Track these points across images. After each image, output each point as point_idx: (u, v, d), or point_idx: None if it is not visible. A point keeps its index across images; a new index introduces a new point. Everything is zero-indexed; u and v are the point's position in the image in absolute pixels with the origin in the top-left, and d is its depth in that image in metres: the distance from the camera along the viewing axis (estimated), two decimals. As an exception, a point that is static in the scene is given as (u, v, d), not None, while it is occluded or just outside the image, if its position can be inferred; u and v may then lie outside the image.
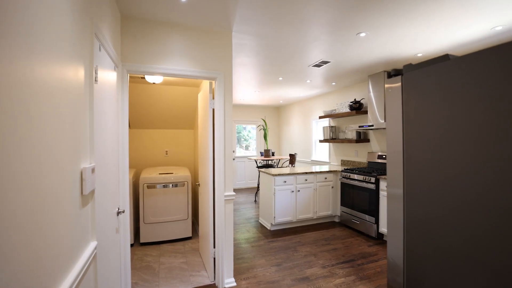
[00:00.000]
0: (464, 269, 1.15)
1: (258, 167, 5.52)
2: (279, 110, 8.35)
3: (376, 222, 3.69)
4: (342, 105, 5.14)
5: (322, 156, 6.21)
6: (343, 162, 5.31)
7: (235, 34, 2.61)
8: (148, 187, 3.51)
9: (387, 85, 1.41)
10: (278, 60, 3.46)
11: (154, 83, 3.56)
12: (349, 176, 4.22)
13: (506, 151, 0.99)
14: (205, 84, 2.79)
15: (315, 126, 6.47)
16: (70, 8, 1.03)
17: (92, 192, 1.31)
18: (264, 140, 7.73)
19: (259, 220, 4.62)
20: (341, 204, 4.43)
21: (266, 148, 6.25)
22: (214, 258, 2.60)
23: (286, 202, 4.20)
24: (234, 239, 3.72)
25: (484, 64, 1.04)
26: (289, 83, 4.90)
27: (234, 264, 2.98)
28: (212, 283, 2.58)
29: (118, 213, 1.95)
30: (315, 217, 4.40)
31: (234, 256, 3.21)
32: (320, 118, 5.71)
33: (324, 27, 2.47)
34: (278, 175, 4.14)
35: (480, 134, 1.07)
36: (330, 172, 4.52)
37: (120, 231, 2.09)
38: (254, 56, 3.29)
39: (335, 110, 5.32)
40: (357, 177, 4.04)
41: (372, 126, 3.93)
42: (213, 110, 2.59)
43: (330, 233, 4.03)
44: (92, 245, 1.26)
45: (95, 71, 1.38)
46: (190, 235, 3.74)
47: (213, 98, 2.58)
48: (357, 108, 4.61)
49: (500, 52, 1.00)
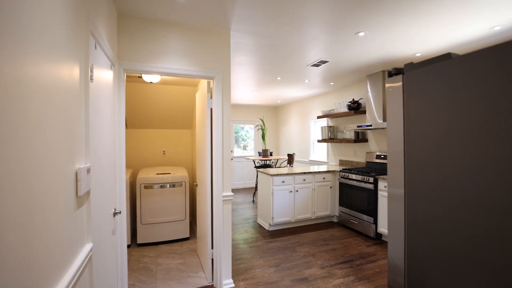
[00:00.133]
0: (465, 269, 1.14)
1: (256, 167, 5.50)
2: (277, 110, 8.34)
3: (374, 222, 3.68)
4: (340, 105, 5.14)
5: (320, 156, 6.21)
6: (341, 162, 5.30)
7: (233, 33, 2.58)
8: (145, 187, 3.48)
9: (388, 84, 1.39)
10: (276, 59, 3.44)
11: (151, 82, 3.53)
12: (347, 176, 4.21)
13: (508, 150, 0.98)
14: (203, 83, 2.76)
15: (313, 126, 6.46)
16: (65, 4, 1.00)
17: (88, 193, 1.28)
18: (262, 140, 7.71)
19: (257, 221, 4.60)
20: (339, 204, 4.42)
21: (264, 148, 6.23)
22: (212, 259, 2.58)
23: (285, 202, 4.18)
24: (232, 240, 3.70)
25: (486, 63, 1.03)
26: (287, 83, 4.89)
27: (232, 265, 2.96)
28: (210, 284, 2.56)
29: (115, 214, 1.92)
30: (313, 217, 4.39)
31: (232, 256, 3.19)
32: (318, 118, 5.70)
33: (323, 27, 2.45)
34: (276, 175, 4.12)
35: (482, 133, 1.06)
36: (328, 172, 4.51)
37: (116, 232, 2.06)
38: (252, 55, 3.27)
39: (333, 110, 5.31)
40: (355, 177, 4.03)
41: (370, 126, 3.93)
42: (211, 109, 2.57)
43: (329, 233, 4.02)
44: (87, 247, 1.23)
45: (91, 69, 1.35)
46: (188, 235, 3.71)
47: (211, 98, 2.56)
48: (355, 108, 4.60)
49: (503, 50, 0.98)
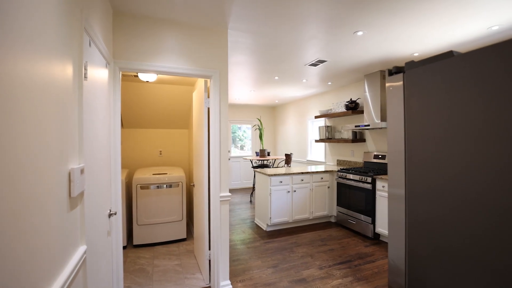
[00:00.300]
0: (465, 268, 1.13)
1: (253, 167, 5.47)
2: (274, 110, 8.31)
3: (372, 222, 3.67)
4: (338, 104, 5.13)
5: (317, 156, 6.20)
6: (339, 162, 5.29)
7: (231, 31, 2.56)
8: (142, 187, 3.44)
9: (388, 83, 1.37)
10: (274, 58, 3.42)
11: (147, 81, 3.48)
12: (345, 176, 4.20)
13: (508, 150, 0.96)
14: (200, 82, 2.73)
15: (310, 126, 6.45)
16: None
17: (81, 194, 1.24)
18: (259, 140, 7.69)
19: (255, 221, 4.58)
20: (337, 204, 4.41)
21: (261, 148, 6.21)
22: (210, 260, 2.55)
23: (282, 203, 4.16)
24: (229, 240, 3.66)
25: (489, 61, 1.01)
26: (285, 83, 4.87)
27: (229, 266, 2.93)
28: (208, 286, 2.52)
29: (110, 215, 1.89)
30: (311, 217, 4.38)
31: (229, 257, 3.15)
32: (316, 118, 5.69)
33: (321, 26, 2.44)
34: (274, 175, 4.10)
35: (483, 133, 1.04)
36: (326, 172, 4.50)
37: (112, 233, 2.02)
38: (250, 54, 3.24)
39: (331, 109, 5.30)
40: (353, 177, 4.02)
41: (368, 126, 3.92)
42: (208, 109, 2.53)
43: (327, 233, 4.01)
44: (81, 249, 1.20)
45: (85, 67, 1.31)
46: (185, 236, 3.67)
47: (208, 97, 2.53)
48: (353, 107, 4.59)
49: (506, 48, 0.97)
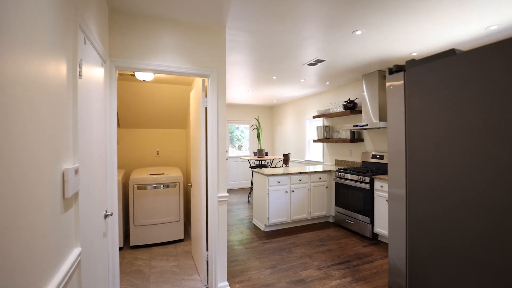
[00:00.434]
0: (466, 268, 1.11)
1: (251, 167, 5.45)
2: (272, 110, 8.30)
3: (370, 222, 3.67)
4: (336, 104, 5.12)
5: (316, 156, 6.19)
6: (337, 162, 5.29)
7: (229, 30, 2.53)
8: (139, 188, 3.40)
9: (388, 82, 1.35)
10: (272, 58, 3.40)
11: (144, 80, 3.45)
12: (343, 176, 4.19)
13: (509, 150, 0.95)
14: (197, 82, 2.71)
15: (308, 126, 6.44)
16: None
17: (76, 194, 1.22)
18: (257, 140, 7.66)
19: (253, 221, 4.55)
20: (335, 204, 4.40)
21: (259, 148, 6.19)
22: (207, 261, 2.52)
23: (280, 203, 4.14)
24: (227, 241, 3.64)
25: (491, 60, 1.00)
26: (283, 82, 4.85)
27: (227, 267, 2.91)
28: (205, 287, 2.50)
29: (106, 216, 1.85)
30: (309, 217, 4.36)
31: (227, 258, 3.13)
32: (314, 117, 5.68)
33: (320, 25, 2.42)
34: (272, 175, 4.08)
35: (485, 132, 1.03)
36: (324, 172, 4.49)
37: (108, 235, 1.99)
38: (248, 53, 3.22)
39: (329, 109, 5.30)
40: (351, 177, 4.02)
41: (366, 125, 3.92)
42: (206, 108, 2.51)
43: (325, 233, 3.99)
44: (75, 252, 1.17)
45: (79, 65, 1.28)
46: (182, 237, 3.64)
47: (206, 96, 2.50)
48: (351, 107, 4.59)
49: (508, 47, 0.95)
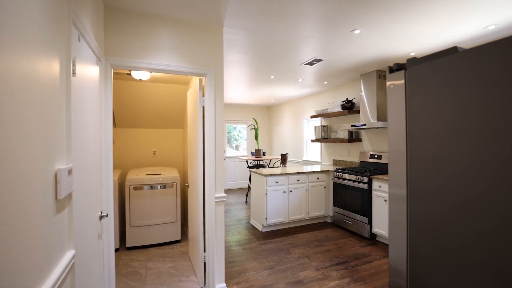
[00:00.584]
0: (466, 269, 1.10)
1: (249, 167, 5.43)
2: (270, 110, 8.28)
3: (369, 222, 3.66)
4: (334, 104, 5.11)
5: (313, 156, 6.18)
6: (335, 162, 5.28)
7: (226, 29, 2.51)
8: (135, 188, 3.36)
9: (389, 81, 1.34)
10: (270, 57, 3.37)
11: (141, 79, 3.41)
12: (341, 176, 4.18)
13: (509, 150, 0.94)
14: (194, 81, 2.67)
15: (306, 126, 6.43)
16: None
17: (69, 195, 1.18)
18: (255, 140, 7.64)
19: (251, 222, 4.53)
20: (333, 205, 4.39)
21: (257, 148, 6.16)
22: (205, 263, 2.49)
23: (278, 203, 4.12)
24: (225, 242, 3.61)
25: (493, 58, 0.98)
26: (280, 82, 4.83)
27: (225, 268, 2.88)
28: (203, 288, 2.47)
29: (101, 217, 1.82)
30: (307, 217, 4.35)
31: (225, 259, 3.10)
32: (311, 117, 5.67)
33: (318, 24, 2.40)
34: (270, 175, 4.05)
35: (487, 132, 1.01)
36: (322, 172, 4.47)
37: (103, 236, 1.96)
38: (246, 53, 3.19)
39: (327, 109, 5.28)
40: (349, 177, 4.00)
41: (364, 125, 3.91)
42: (203, 108, 2.48)
43: (323, 233, 3.98)
44: (69, 254, 1.13)
45: (73, 62, 1.25)
46: (179, 238, 3.61)
47: (203, 96, 2.47)
48: (349, 107, 4.58)
49: (510, 45, 0.94)
